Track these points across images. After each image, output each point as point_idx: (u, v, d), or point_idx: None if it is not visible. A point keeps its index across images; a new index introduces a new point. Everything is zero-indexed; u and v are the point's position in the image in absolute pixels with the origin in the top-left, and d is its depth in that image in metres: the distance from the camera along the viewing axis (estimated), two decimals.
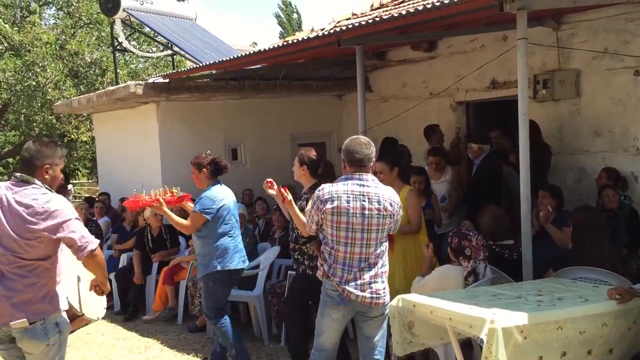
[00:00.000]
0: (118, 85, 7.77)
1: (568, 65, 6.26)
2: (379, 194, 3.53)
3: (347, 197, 3.49)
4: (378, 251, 3.54)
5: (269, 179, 4.43)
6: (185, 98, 7.65)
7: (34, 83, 12.57)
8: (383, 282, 3.57)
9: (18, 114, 13.72)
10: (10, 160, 20.18)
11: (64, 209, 3.04)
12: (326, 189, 3.56)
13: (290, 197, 4.21)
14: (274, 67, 7.43)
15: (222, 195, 4.79)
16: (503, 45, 6.64)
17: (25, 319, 3.00)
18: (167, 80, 7.30)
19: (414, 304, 3.52)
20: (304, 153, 4.46)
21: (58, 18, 15.06)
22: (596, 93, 6.07)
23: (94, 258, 3.10)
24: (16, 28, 13.05)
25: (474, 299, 3.42)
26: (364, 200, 3.49)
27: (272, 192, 4.42)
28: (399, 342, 3.59)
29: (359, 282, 3.49)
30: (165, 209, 4.70)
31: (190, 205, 5.03)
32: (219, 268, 4.71)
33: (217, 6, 56.42)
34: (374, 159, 3.64)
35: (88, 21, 14.37)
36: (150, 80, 7.51)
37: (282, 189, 4.21)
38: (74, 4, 13.96)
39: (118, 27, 9.89)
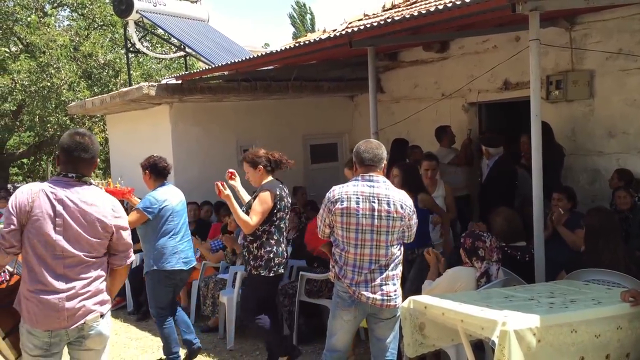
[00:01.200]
0: (131, 87, 7.82)
1: (581, 65, 6.22)
2: (389, 196, 3.52)
3: (357, 198, 3.50)
4: (389, 253, 3.53)
5: (230, 170, 4.67)
6: (198, 99, 7.68)
7: (48, 84, 12.66)
8: (394, 284, 3.57)
9: (32, 115, 13.81)
10: (25, 160, 20.38)
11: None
12: (336, 190, 3.58)
13: (228, 191, 4.37)
14: (285, 68, 7.45)
15: (166, 196, 4.91)
16: (515, 46, 6.61)
17: (98, 313, 3.00)
18: (179, 82, 7.34)
19: (426, 305, 3.52)
20: (253, 156, 4.59)
21: (72, 20, 15.18)
22: (610, 94, 6.03)
23: (126, 268, 3.20)
24: (31, 29, 13.15)
25: (486, 301, 3.41)
26: (373, 202, 3.49)
27: (232, 183, 4.67)
28: (410, 343, 3.59)
29: (369, 284, 3.50)
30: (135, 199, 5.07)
31: (136, 200, 5.28)
32: (155, 267, 4.85)
33: (229, 8, 56.64)
34: (385, 161, 3.64)
35: (102, 23, 14.47)
36: (163, 82, 7.55)
37: (219, 183, 4.38)
38: (88, 6, 14.06)
39: (131, 29, 9.94)
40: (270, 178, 4.60)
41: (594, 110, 6.18)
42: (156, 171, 4.97)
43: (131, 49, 10.57)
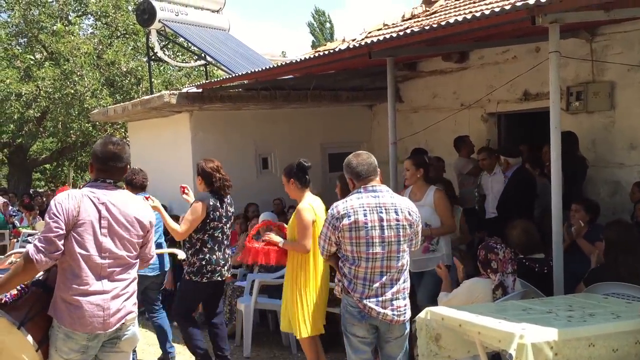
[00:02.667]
0: (152, 95, 7.94)
1: (602, 77, 6.18)
2: (395, 204, 3.47)
3: (364, 210, 3.41)
4: (400, 265, 3.47)
5: (182, 184, 4.94)
6: (218, 107, 7.77)
7: (72, 91, 12.90)
8: (405, 298, 3.52)
9: (56, 122, 14.07)
10: (48, 166, 20.70)
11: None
12: (340, 206, 3.47)
13: (156, 202, 4.75)
14: (305, 78, 7.50)
15: None
16: (535, 57, 6.59)
17: (135, 313, 3.14)
18: (200, 90, 7.43)
19: (443, 317, 3.51)
20: (201, 167, 4.88)
21: (96, 28, 15.43)
22: (631, 105, 5.97)
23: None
24: (56, 38, 13.40)
25: (503, 313, 3.40)
26: (381, 212, 3.43)
27: (185, 197, 4.90)
28: (425, 354, 3.58)
29: (380, 298, 3.43)
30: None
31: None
32: None
33: (248, 15, 57.07)
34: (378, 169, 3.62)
35: (124, 32, 14.71)
36: (184, 90, 7.65)
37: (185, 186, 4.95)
38: (112, 15, 14.30)
39: (153, 38, 10.10)
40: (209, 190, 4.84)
41: (614, 121, 6.13)
42: (130, 184, 5.18)
43: (153, 57, 10.73)
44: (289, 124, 8.66)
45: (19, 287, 3.04)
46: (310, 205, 4.54)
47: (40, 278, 3.12)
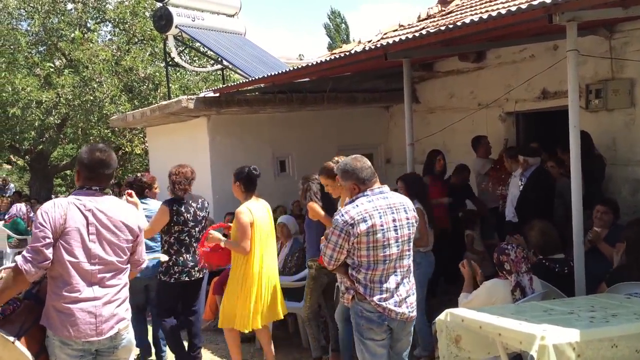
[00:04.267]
0: (170, 100, 8.01)
1: (622, 74, 6.10)
2: (402, 203, 3.52)
3: (379, 213, 3.40)
4: (409, 262, 3.54)
5: (128, 190, 5.07)
6: (235, 111, 7.81)
7: (91, 98, 13.04)
8: (414, 294, 3.60)
9: (76, 128, 14.24)
10: (68, 172, 20.94)
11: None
12: (351, 211, 3.38)
13: (134, 199, 4.91)
14: (321, 80, 7.52)
15: None
16: (553, 55, 6.53)
17: (127, 320, 3.14)
18: (217, 95, 7.48)
19: (463, 318, 3.49)
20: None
21: (114, 35, 15.59)
22: None
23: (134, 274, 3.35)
24: (75, 45, 13.57)
25: (524, 314, 3.37)
26: (392, 213, 3.44)
27: (130, 199, 4.97)
28: (446, 356, 3.57)
29: (396, 299, 3.46)
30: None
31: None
32: None
33: (264, 19, 57.28)
34: None
35: (142, 38, 14.83)
36: (201, 95, 7.71)
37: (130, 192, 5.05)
38: (129, 21, 14.43)
39: (170, 43, 10.19)
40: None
41: (635, 119, 6.05)
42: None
43: (170, 62, 10.82)
44: (306, 127, 8.68)
45: (10, 301, 3.02)
46: (248, 209, 4.81)
47: (32, 290, 3.10)
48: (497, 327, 3.24)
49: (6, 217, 11.69)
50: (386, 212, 3.42)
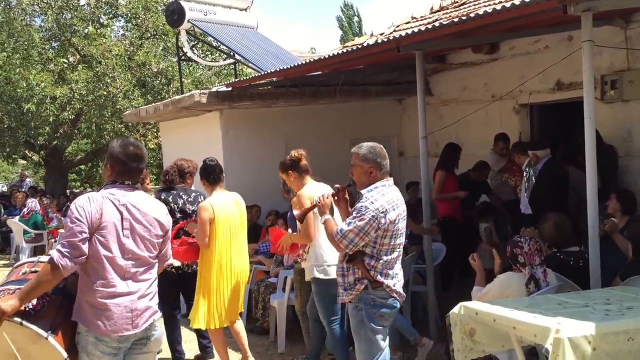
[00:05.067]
0: (183, 95, 8.03)
1: (638, 64, 6.03)
2: (400, 197, 3.70)
3: (400, 202, 3.63)
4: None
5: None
6: (247, 105, 7.82)
7: (104, 93, 13.11)
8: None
9: (90, 123, 14.33)
10: (83, 167, 21.11)
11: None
12: (380, 200, 3.50)
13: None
14: (333, 73, 7.50)
15: None
16: (568, 46, 6.46)
17: (159, 312, 3.20)
18: (229, 89, 7.49)
19: (477, 311, 3.48)
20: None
21: (127, 30, 15.65)
22: None
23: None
24: (88, 41, 13.64)
25: (538, 307, 3.35)
26: (402, 204, 3.65)
27: None
28: (460, 349, 3.56)
29: (400, 283, 3.70)
30: None
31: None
32: None
33: (276, 12, 57.22)
34: None
35: (154, 33, 14.88)
36: (214, 89, 7.72)
37: None
38: (142, 16, 14.48)
39: (183, 38, 10.21)
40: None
41: None
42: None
43: (183, 57, 10.84)
44: (319, 120, 8.67)
45: (39, 297, 2.99)
46: (210, 204, 4.78)
47: (59, 285, 3.07)
48: (512, 320, 3.23)
49: (24, 211, 11.82)
50: (401, 203, 3.63)
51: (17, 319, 2.85)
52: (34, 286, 2.88)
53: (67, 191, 17.10)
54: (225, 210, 4.86)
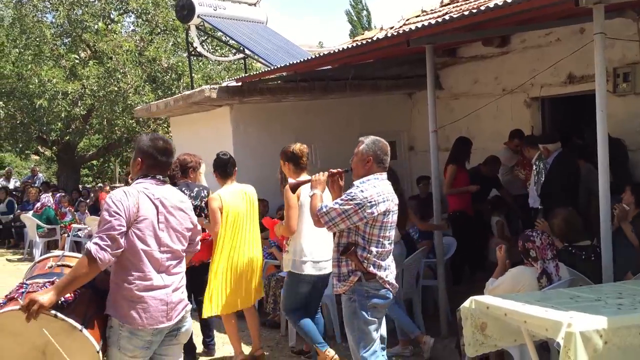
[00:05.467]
0: (193, 90, 8.05)
1: None
2: (392, 191, 3.71)
3: (392, 195, 3.65)
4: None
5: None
6: (257, 100, 7.83)
7: (115, 89, 13.18)
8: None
9: (101, 119, 14.41)
10: (95, 162, 21.26)
11: None
12: (370, 190, 3.53)
13: None
14: (343, 68, 7.49)
15: None
16: (580, 38, 6.41)
17: (190, 304, 3.26)
18: (239, 84, 7.50)
19: (488, 305, 3.48)
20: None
21: (137, 26, 15.71)
22: None
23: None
24: (99, 36, 13.71)
25: (550, 301, 3.34)
26: (394, 198, 3.67)
27: None
28: (471, 343, 3.57)
29: (392, 273, 3.73)
30: None
31: None
32: None
33: (284, 6, 57.15)
34: None
35: (164, 28, 14.91)
36: (224, 84, 7.74)
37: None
38: (152, 11, 14.51)
39: (193, 33, 10.22)
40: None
41: None
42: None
43: (193, 52, 10.87)
44: (329, 115, 8.67)
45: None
46: (219, 195, 4.97)
47: None
48: (523, 315, 3.22)
49: (37, 205, 11.93)
50: (393, 197, 3.67)
51: (53, 312, 2.85)
52: (71, 280, 2.88)
53: (80, 186, 17.23)
54: (234, 201, 5.03)
